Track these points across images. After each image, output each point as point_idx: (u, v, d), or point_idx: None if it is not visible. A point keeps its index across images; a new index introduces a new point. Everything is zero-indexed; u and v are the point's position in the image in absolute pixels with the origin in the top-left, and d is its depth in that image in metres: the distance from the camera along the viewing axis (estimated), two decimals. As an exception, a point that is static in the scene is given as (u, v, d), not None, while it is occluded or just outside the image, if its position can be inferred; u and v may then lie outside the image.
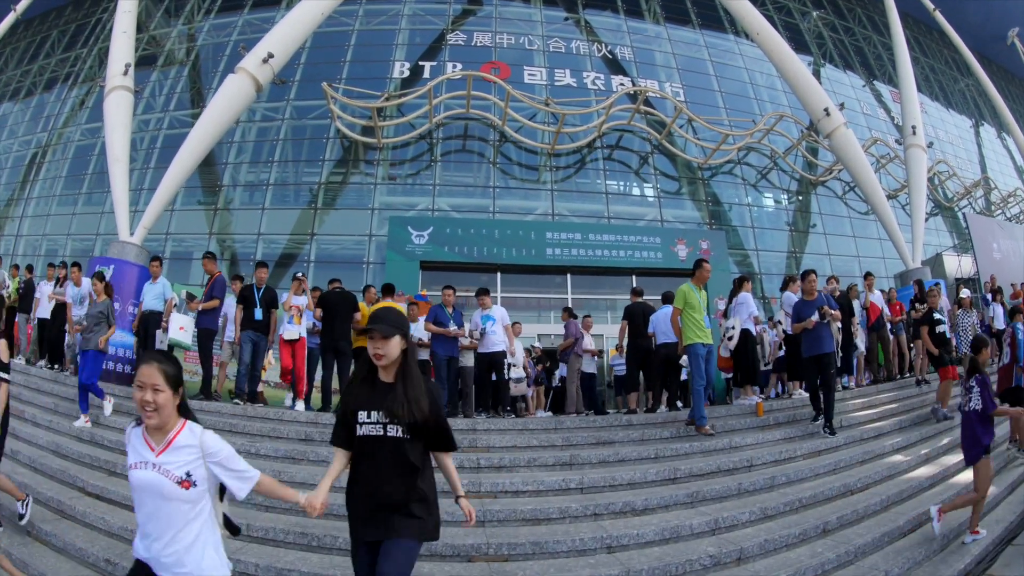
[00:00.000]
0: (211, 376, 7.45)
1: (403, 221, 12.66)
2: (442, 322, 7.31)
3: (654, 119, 15.05)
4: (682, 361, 6.92)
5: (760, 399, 7.36)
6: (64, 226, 15.43)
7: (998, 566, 4.00)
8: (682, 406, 7.47)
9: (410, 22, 16.15)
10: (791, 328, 7.02)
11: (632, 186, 15.22)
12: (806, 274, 6.53)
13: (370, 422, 2.27)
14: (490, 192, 14.08)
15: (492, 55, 15.49)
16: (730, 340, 7.42)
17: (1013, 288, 12.01)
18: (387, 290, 7.72)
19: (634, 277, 12.82)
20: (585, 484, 4.80)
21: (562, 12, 17.06)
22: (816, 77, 15.94)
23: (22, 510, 4.07)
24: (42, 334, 9.26)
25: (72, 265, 8.74)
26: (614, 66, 16.31)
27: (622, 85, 15.43)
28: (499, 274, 12.78)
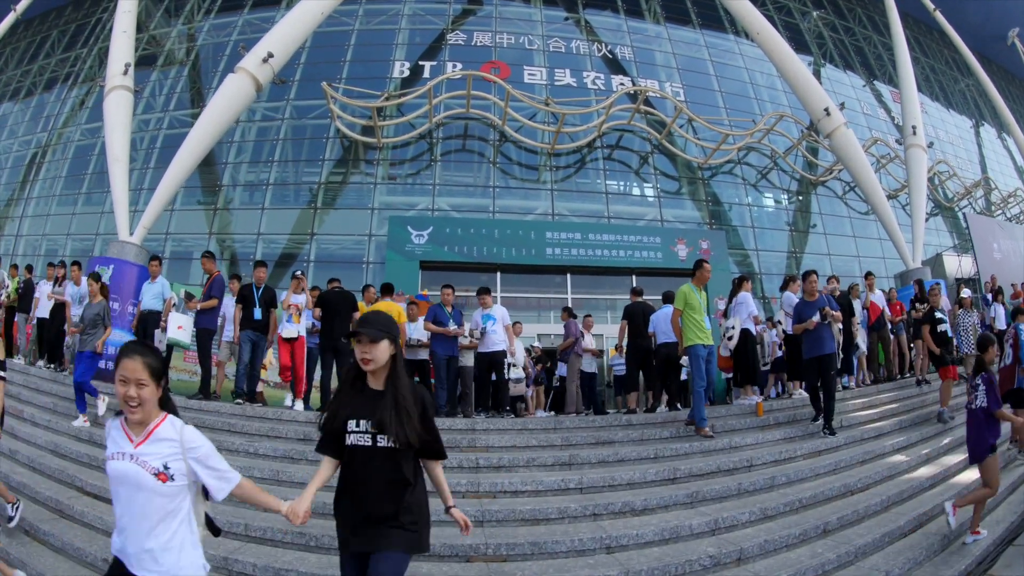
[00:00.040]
0: (210, 376, 7.44)
1: (403, 221, 12.67)
2: (441, 321, 7.29)
3: (654, 119, 15.04)
4: (682, 361, 6.91)
5: (760, 399, 7.35)
6: (64, 226, 15.44)
7: (999, 567, 3.99)
8: (682, 407, 7.46)
9: (410, 22, 16.15)
10: (792, 329, 7.01)
11: (632, 186, 15.21)
12: (807, 275, 6.49)
13: (359, 431, 2.18)
14: (490, 192, 14.07)
15: (492, 55, 15.49)
16: (730, 340, 7.41)
17: (1013, 288, 11.99)
18: (386, 290, 7.69)
19: (634, 277, 12.83)
20: (584, 484, 4.79)
21: (562, 12, 17.06)
22: (816, 77, 15.94)
23: (11, 512, 4.03)
24: (41, 334, 9.25)
25: (72, 264, 8.74)
26: (614, 66, 16.31)
27: (622, 85, 15.42)
28: (499, 274, 12.78)
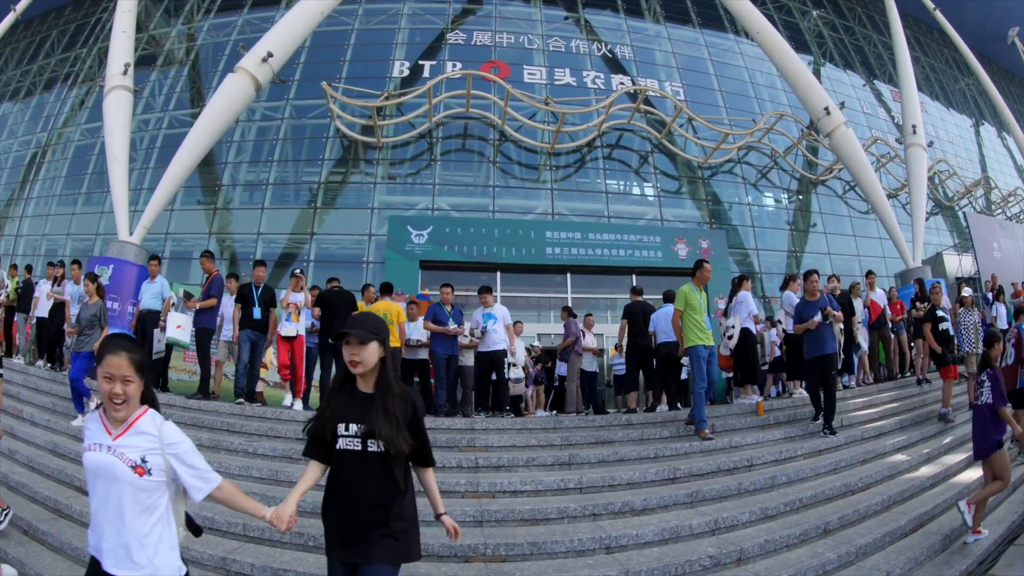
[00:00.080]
0: (209, 375, 7.43)
1: (403, 220, 12.66)
2: (441, 320, 7.28)
3: (654, 118, 15.02)
4: (682, 361, 6.90)
5: (760, 399, 7.34)
6: (64, 226, 15.43)
7: (1000, 566, 3.98)
8: (682, 407, 7.45)
9: (410, 21, 16.14)
10: (793, 328, 7.00)
11: (632, 185, 15.20)
12: (809, 274, 6.46)
13: (348, 435, 2.13)
14: (490, 191, 14.06)
15: (492, 54, 15.48)
16: (730, 339, 7.40)
17: (1014, 287, 12.01)
18: (385, 289, 7.66)
19: (634, 276, 12.81)
20: (584, 484, 4.78)
21: (562, 11, 17.04)
22: (816, 76, 15.90)
23: (0, 518, 4.00)
24: (40, 333, 9.24)
25: (72, 263, 8.73)
26: (614, 65, 16.29)
27: (622, 84, 15.40)
28: (499, 273, 12.76)
